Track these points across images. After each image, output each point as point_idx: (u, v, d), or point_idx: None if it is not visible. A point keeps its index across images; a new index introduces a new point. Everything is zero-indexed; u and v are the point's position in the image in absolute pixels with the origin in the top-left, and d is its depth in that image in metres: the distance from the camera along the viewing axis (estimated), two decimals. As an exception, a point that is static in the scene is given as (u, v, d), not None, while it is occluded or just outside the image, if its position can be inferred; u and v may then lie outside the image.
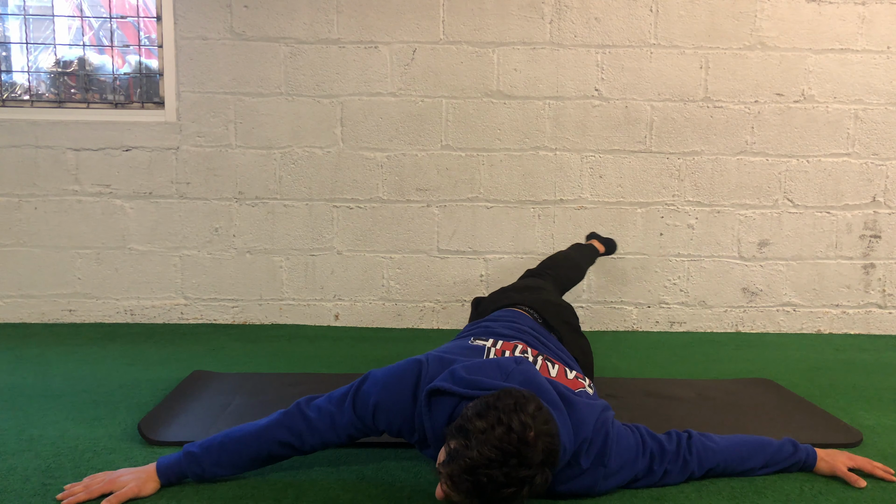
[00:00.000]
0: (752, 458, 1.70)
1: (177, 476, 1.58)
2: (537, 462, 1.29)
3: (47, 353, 2.81)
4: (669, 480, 1.64)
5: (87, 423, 2.01)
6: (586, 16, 3.24)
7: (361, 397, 1.57)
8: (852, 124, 3.31)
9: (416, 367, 1.57)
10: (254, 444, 1.58)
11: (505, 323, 1.99)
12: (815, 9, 3.24)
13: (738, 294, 3.40)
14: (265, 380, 2.44)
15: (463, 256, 3.36)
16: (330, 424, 1.57)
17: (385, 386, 1.56)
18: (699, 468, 1.66)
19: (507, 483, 1.27)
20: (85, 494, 1.52)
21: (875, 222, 3.36)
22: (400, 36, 3.23)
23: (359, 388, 1.59)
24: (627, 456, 1.59)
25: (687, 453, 1.65)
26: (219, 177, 3.28)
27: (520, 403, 1.33)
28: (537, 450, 1.29)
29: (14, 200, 3.27)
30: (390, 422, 1.55)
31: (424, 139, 3.28)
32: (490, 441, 1.27)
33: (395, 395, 1.55)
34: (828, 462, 1.72)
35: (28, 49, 3.31)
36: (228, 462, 1.58)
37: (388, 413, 1.55)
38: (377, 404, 1.55)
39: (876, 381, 2.60)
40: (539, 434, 1.30)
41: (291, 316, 3.38)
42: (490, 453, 1.26)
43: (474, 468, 1.27)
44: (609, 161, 3.31)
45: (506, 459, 1.27)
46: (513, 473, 1.27)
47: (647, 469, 1.61)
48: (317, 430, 1.57)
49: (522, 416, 1.30)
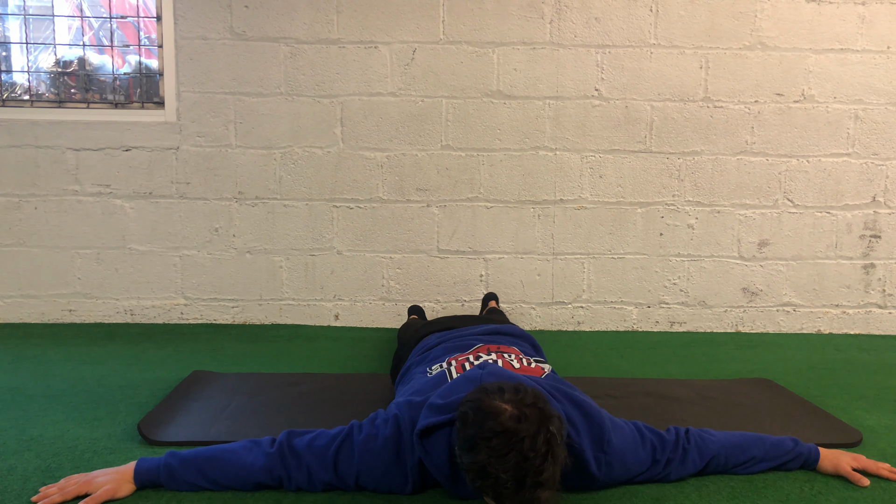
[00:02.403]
0: (752, 449, 1.70)
1: (152, 483, 1.57)
2: (536, 420, 1.30)
3: (47, 353, 2.81)
4: (673, 473, 1.64)
5: (87, 423, 2.01)
6: (586, 16, 3.24)
7: (344, 459, 1.55)
8: (852, 124, 3.31)
9: (393, 424, 1.55)
10: (232, 477, 1.57)
11: (446, 342, 2.00)
12: (815, 9, 3.24)
13: (738, 294, 3.40)
14: (265, 380, 2.44)
15: (463, 256, 3.36)
16: (307, 477, 1.56)
17: (366, 450, 1.54)
18: (700, 458, 1.66)
19: (534, 448, 1.27)
20: (60, 496, 1.51)
21: (875, 222, 3.36)
22: (400, 36, 3.23)
23: (341, 445, 1.56)
24: (626, 446, 1.58)
25: (686, 443, 1.66)
26: (219, 177, 3.28)
27: (490, 389, 1.37)
28: (527, 411, 1.30)
29: (14, 200, 3.27)
30: (378, 483, 1.55)
31: (424, 139, 3.28)
32: (486, 433, 1.29)
33: (379, 459, 1.54)
34: (831, 461, 1.72)
35: (28, 49, 3.31)
36: (203, 485, 1.57)
37: (374, 476, 1.55)
38: (360, 471, 1.54)
39: (876, 381, 2.60)
40: (517, 402, 1.32)
41: (291, 316, 3.38)
42: (495, 442, 1.27)
43: (495, 462, 1.27)
44: (609, 161, 3.31)
45: (511, 436, 1.27)
46: (527, 441, 1.27)
47: (650, 460, 1.61)
48: (294, 479, 1.56)
49: (496, 398, 1.33)
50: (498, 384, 1.40)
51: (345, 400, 2.24)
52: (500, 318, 2.79)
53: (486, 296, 3.30)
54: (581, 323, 3.40)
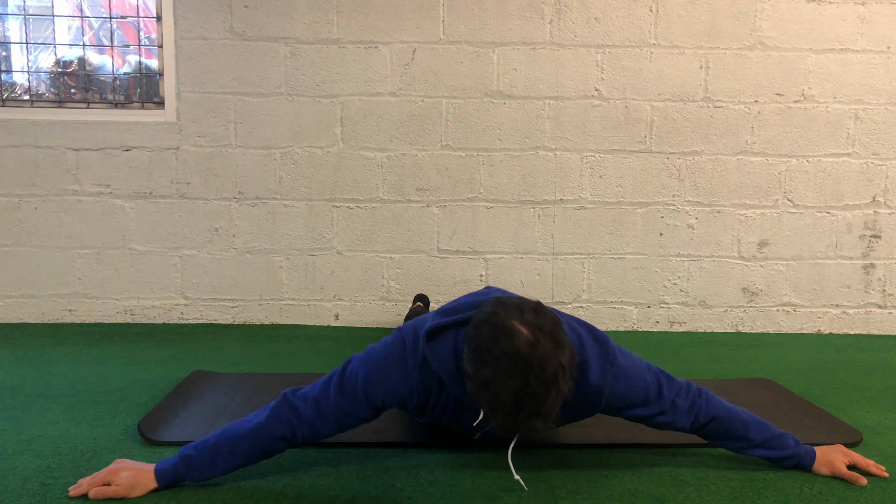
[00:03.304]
0: (752, 429, 1.69)
1: (174, 480, 1.58)
2: (549, 349, 1.29)
3: (47, 353, 2.81)
4: (677, 418, 1.62)
5: (87, 423, 2.01)
6: (586, 16, 3.24)
7: (348, 379, 1.55)
8: (852, 124, 3.31)
9: (397, 335, 1.58)
10: (247, 443, 1.57)
11: None
12: (815, 9, 3.24)
13: (738, 294, 3.40)
14: (265, 380, 2.44)
15: (463, 256, 3.36)
16: (316, 411, 1.54)
17: (370, 360, 1.55)
18: (705, 413, 1.64)
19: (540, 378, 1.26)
20: (88, 486, 1.54)
21: (875, 222, 3.36)
22: (400, 36, 3.23)
23: (343, 370, 1.58)
24: (632, 366, 1.57)
25: (696, 395, 1.64)
26: (219, 177, 3.28)
27: (509, 304, 1.35)
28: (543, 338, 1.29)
29: (14, 200, 3.27)
30: (385, 392, 1.53)
31: (424, 139, 3.28)
32: (497, 350, 1.28)
33: (382, 365, 1.53)
34: (827, 464, 1.71)
35: (28, 49, 3.31)
36: (224, 464, 1.57)
37: (379, 384, 1.53)
38: (367, 378, 1.53)
39: (876, 381, 2.60)
40: (534, 325, 1.30)
41: (291, 316, 3.38)
42: (504, 362, 1.27)
43: (498, 382, 1.26)
44: (609, 161, 3.31)
45: (520, 361, 1.27)
46: (535, 369, 1.26)
47: (656, 390, 1.59)
48: (304, 419, 1.55)
49: (514, 315, 1.31)
50: (518, 300, 1.37)
51: (345, 400, 2.24)
52: None
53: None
54: (581, 323, 3.40)
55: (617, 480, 1.69)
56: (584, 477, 1.70)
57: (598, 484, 1.67)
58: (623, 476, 1.71)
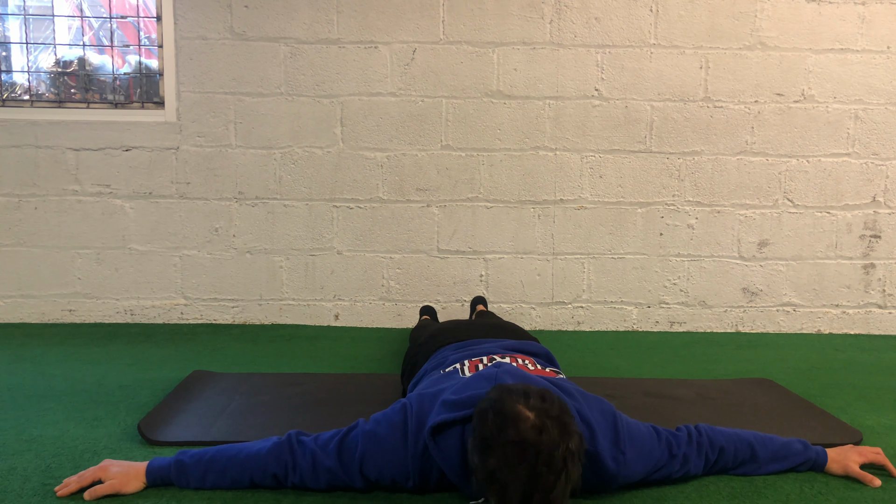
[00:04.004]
0: (759, 447, 1.69)
1: (163, 481, 1.58)
2: (556, 435, 1.26)
3: (47, 353, 2.81)
4: (691, 467, 1.62)
5: (87, 423, 2.01)
6: (586, 16, 3.24)
7: (348, 446, 1.54)
8: (852, 124, 3.31)
9: (401, 411, 1.54)
10: (240, 468, 1.57)
11: (463, 350, 1.95)
12: (815, 9, 3.24)
13: (738, 294, 3.40)
14: (265, 380, 2.44)
15: (463, 256, 3.36)
16: (311, 464, 1.54)
17: (372, 435, 1.52)
18: (711, 449, 1.65)
19: (549, 465, 1.23)
20: (76, 484, 1.55)
21: (875, 222, 3.36)
22: (400, 36, 3.23)
23: (346, 435, 1.56)
24: (642, 443, 1.56)
25: (698, 437, 1.65)
26: (219, 177, 3.28)
27: (515, 391, 1.32)
28: (550, 423, 1.26)
29: (14, 200, 3.27)
30: (381, 470, 1.51)
31: (424, 139, 3.28)
32: (503, 438, 1.25)
33: (383, 442, 1.51)
34: (839, 463, 1.71)
35: (28, 49, 3.31)
36: (212, 480, 1.57)
37: (377, 461, 1.51)
38: (364, 454, 1.51)
39: (876, 381, 2.60)
40: (540, 411, 1.28)
41: (291, 316, 3.38)
42: (510, 449, 1.24)
43: (506, 471, 1.24)
44: (609, 161, 3.31)
45: (528, 448, 1.24)
46: (543, 455, 1.23)
47: (667, 454, 1.59)
48: (298, 468, 1.54)
49: (519, 402, 1.29)
50: (524, 387, 1.34)
51: (345, 400, 2.24)
52: (495, 320, 2.77)
53: (475, 299, 3.31)
54: (581, 323, 3.40)
55: (617, 480, 1.69)
56: (584, 477, 1.70)
57: (598, 484, 1.67)
58: (623, 476, 1.71)
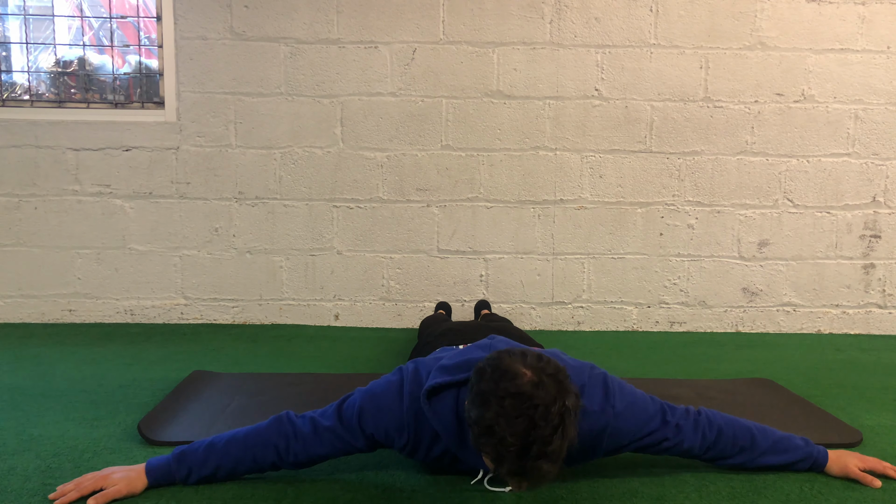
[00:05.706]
0: (758, 435, 1.68)
1: (164, 477, 1.57)
2: (553, 390, 1.28)
3: (47, 353, 2.81)
4: (686, 439, 1.61)
5: (87, 423, 2.01)
6: (586, 16, 3.24)
7: (347, 407, 1.58)
8: (852, 124, 3.31)
9: (397, 372, 1.60)
10: (241, 444, 1.58)
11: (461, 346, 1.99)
12: (815, 9, 3.24)
13: (738, 294, 3.39)
14: (265, 380, 2.44)
15: (463, 256, 3.36)
16: (313, 430, 1.56)
17: (369, 391, 1.58)
18: (709, 428, 1.63)
19: (546, 418, 1.25)
20: (76, 493, 1.52)
21: (875, 222, 3.36)
22: (400, 36, 3.23)
23: (344, 399, 1.61)
24: (634, 399, 1.57)
25: (696, 415, 1.64)
26: (219, 177, 3.28)
27: (512, 352, 1.35)
28: (547, 380, 1.29)
29: (14, 200, 3.27)
30: (377, 424, 1.55)
31: (424, 139, 3.28)
32: (501, 391, 1.27)
33: (379, 397, 1.56)
34: (839, 464, 1.70)
35: (28, 49, 3.31)
36: (214, 462, 1.57)
37: (373, 415, 1.55)
38: (362, 408, 1.55)
39: (876, 381, 2.60)
40: (538, 368, 1.31)
41: (291, 316, 3.38)
42: (508, 402, 1.26)
43: (503, 423, 1.25)
44: (609, 161, 3.31)
45: (525, 401, 1.26)
46: (541, 409, 1.25)
47: (660, 418, 1.59)
48: (300, 435, 1.56)
49: (517, 360, 1.32)
50: (521, 349, 1.38)
51: (345, 400, 2.24)
52: (505, 325, 2.78)
53: (479, 303, 3.31)
54: (581, 323, 3.40)
55: (617, 480, 1.69)
56: (584, 477, 1.70)
57: (597, 484, 1.67)
58: (623, 476, 1.71)
